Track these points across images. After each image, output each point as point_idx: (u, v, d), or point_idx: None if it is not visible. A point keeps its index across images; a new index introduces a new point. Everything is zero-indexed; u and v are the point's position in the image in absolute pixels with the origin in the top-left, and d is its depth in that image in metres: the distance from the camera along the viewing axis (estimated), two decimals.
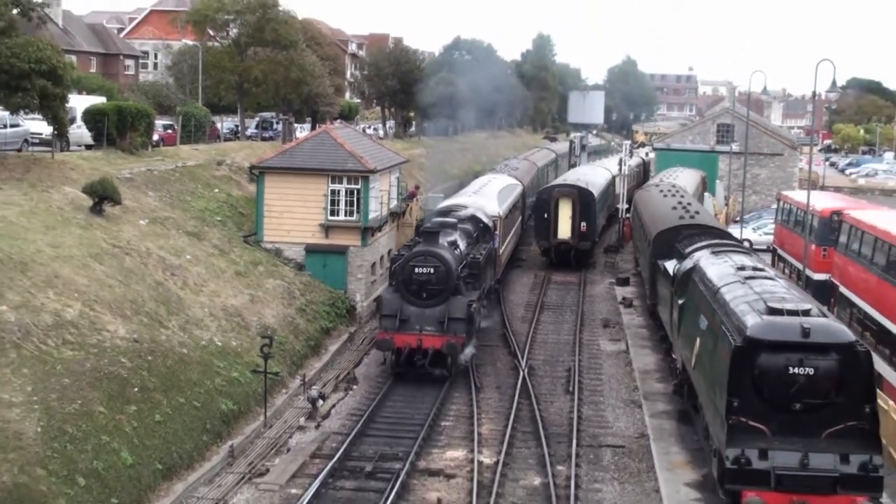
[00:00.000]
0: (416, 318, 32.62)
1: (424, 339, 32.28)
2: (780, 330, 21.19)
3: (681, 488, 24.85)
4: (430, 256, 33.05)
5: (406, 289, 33.00)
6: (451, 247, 35.19)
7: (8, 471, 20.38)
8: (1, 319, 24.83)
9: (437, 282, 32.75)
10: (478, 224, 40.91)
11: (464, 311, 32.68)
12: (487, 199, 47.07)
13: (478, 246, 38.87)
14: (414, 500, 23.97)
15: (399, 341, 32.36)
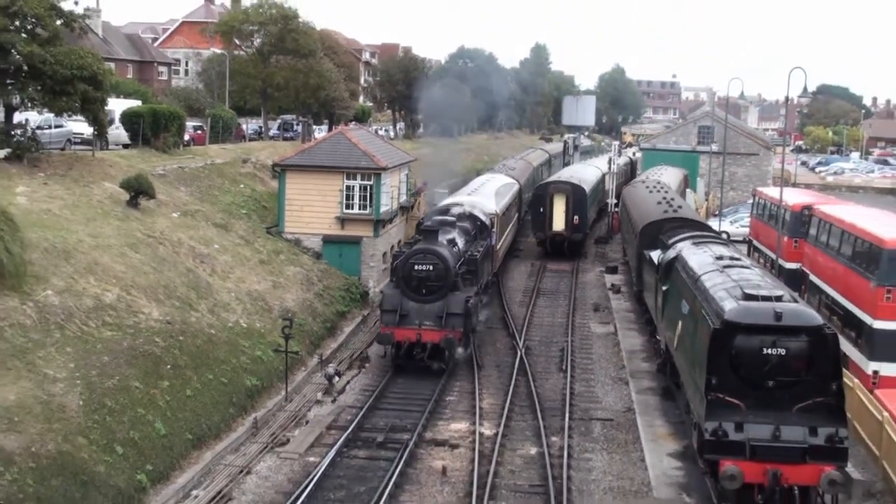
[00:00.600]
0: (415, 313, 31.34)
1: (423, 334, 31.07)
2: (755, 314, 21.19)
3: (664, 458, 24.89)
4: (430, 254, 31.77)
5: (406, 285, 31.67)
6: (450, 244, 33.94)
7: (53, 440, 20.45)
8: (46, 303, 24.89)
9: (435, 278, 31.49)
10: (475, 222, 39.58)
11: (461, 306, 31.49)
12: (485, 197, 45.85)
13: (476, 243, 37.57)
14: (421, 468, 24.01)
15: (399, 335, 31.17)
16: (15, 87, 35.19)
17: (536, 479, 23.54)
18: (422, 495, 22.45)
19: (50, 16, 35.51)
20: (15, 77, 34.87)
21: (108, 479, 20.78)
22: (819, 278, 35.35)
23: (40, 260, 26.46)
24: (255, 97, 67.93)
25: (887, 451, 22.95)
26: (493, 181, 53.44)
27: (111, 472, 21.03)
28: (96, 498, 20.12)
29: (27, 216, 27.87)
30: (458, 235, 35.94)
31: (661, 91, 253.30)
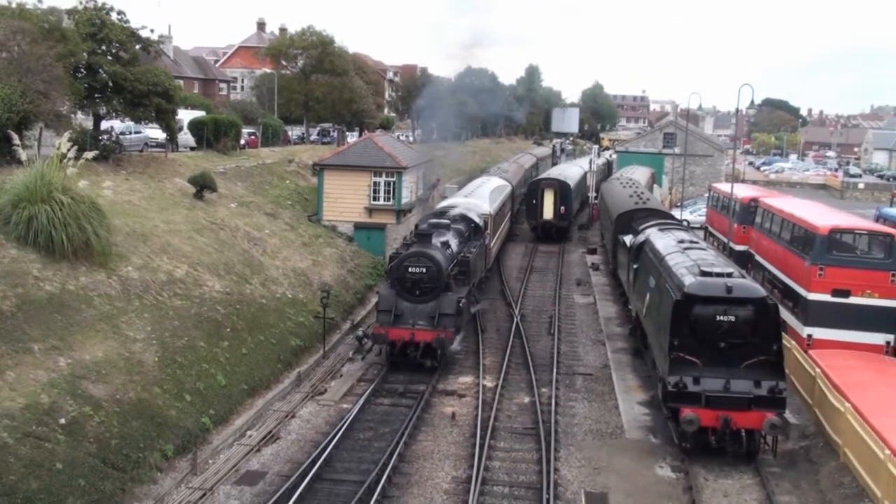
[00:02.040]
0: (409, 313, 27.57)
1: (416, 333, 27.19)
2: (710, 287, 21.16)
3: (634, 406, 24.87)
4: (423, 257, 27.85)
5: (401, 286, 27.79)
6: (444, 247, 30.01)
7: (133, 389, 20.51)
8: (128, 277, 24.93)
9: (428, 280, 27.62)
10: (470, 224, 35.49)
11: (453, 307, 27.68)
12: (480, 199, 42.09)
13: (469, 244, 33.57)
14: (434, 413, 24.04)
15: (393, 335, 27.32)
16: (102, 99, 35.26)
17: (529, 422, 23.54)
18: (435, 435, 22.47)
19: (130, 41, 35.58)
20: (102, 92, 34.95)
21: (179, 422, 20.84)
22: (763, 258, 35.23)
23: (123, 242, 26.50)
24: (298, 109, 67.86)
25: (818, 400, 22.92)
26: (488, 184, 50.10)
27: (181, 415, 21.09)
28: (169, 436, 20.19)
29: (112, 206, 27.89)
30: (452, 237, 32.09)
31: (633, 104, 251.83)
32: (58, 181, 23.76)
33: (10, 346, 19.03)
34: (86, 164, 25.90)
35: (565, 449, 21.76)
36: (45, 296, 21.51)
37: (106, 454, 18.23)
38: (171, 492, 18.76)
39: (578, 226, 62.44)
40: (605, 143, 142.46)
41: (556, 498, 18.74)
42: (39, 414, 17.78)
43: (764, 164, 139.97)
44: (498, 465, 20.73)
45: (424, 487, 19.38)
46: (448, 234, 31.84)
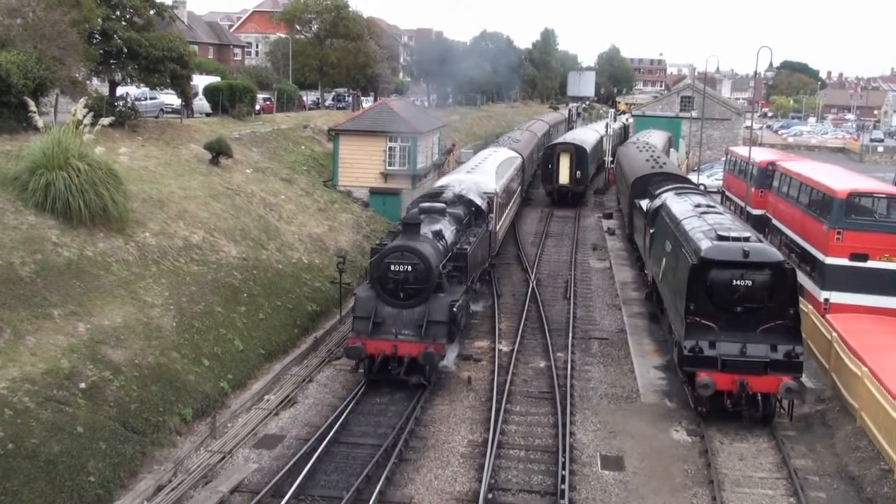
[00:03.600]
0: (391, 320, 22.70)
1: (400, 346, 22.24)
2: (727, 252, 21.09)
3: (650, 370, 24.90)
4: (408, 252, 22.81)
5: (382, 287, 22.85)
6: (436, 237, 25.06)
7: (152, 353, 20.68)
8: (145, 243, 25.04)
9: (415, 280, 22.69)
10: (470, 207, 30.38)
11: (445, 312, 22.69)
12: (484, 175, 36.65)
13: (469, 231, 28.75)
14: (451, 378, 24.13)
15: (371, 347, 22.37)
16: (117, 65, 35.24)
17: (545, 387, 23.61)
18: (451, 399, 22.60)
19: (144, 6, 35.48)
20: (117, 58, 34.92)
21: (197, 386, 21.02)
22: (780, 222, 35.03)
23: (140, 208, 26.59)
24: (313, 74, 67.59)
25: (835, 364, 22.88)
26: (496, 156, 44.71)
27: (199, 380, 21.27)
28: (188, 400, 20.38)
29: (129, 172, 27.95)
30: (448, 225, 27.02)
31: (650, 67, 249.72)
32: (74, 148, 23.82)
33: (29, 311, 19.20)
34: (102, 130, 25.96)
35: (581, 413, 21.84)
36: (64, 262, 21.65)
37: (126, 418, 18.43)
38: (190, 455, 18.97)
39: (594, 190, 62.29)
40: (621, 106, 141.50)
41: (571, 461, 18.85)
42: (60, 378, 17.98)
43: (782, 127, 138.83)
44: (514, 428, 20.84)
45: (441, 451, 19.53)
46: (443, 220, 26.90)
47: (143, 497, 16.98)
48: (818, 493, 17.90)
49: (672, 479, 18.35)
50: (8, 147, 26.37)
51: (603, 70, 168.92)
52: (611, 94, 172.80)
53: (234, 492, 17.50)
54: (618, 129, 77.05)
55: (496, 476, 18.30)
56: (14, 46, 28.85)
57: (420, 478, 18.22)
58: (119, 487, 17.06)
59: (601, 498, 17.50)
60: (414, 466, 18.65)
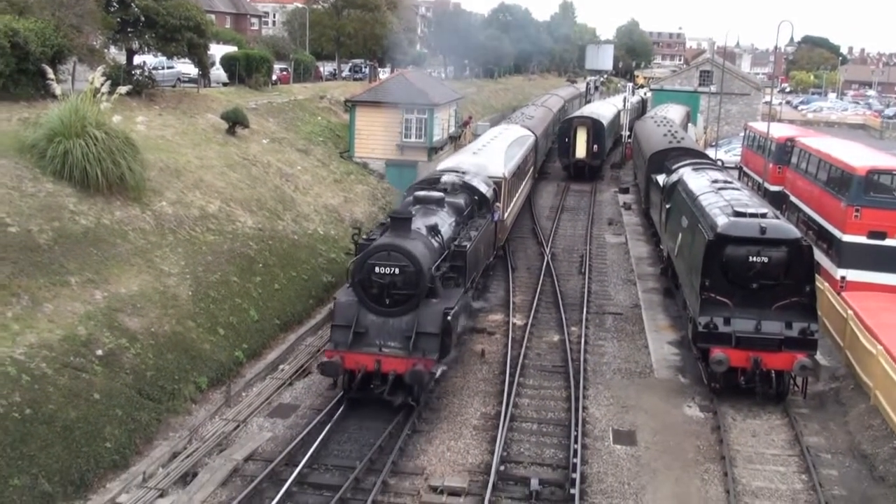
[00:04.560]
0: (375, 330, 19.54)
1: (384, 361, 19.04)
2: (743, 228, 20.99)
3: (664, 345, 24.89)
4: (396, 252, 19.53)
5: (365, 292, 19.62)
6: (430, 233, 21.56)
7: (168, 322, 20.81)
8: (162, 212, 25.12)
9: (403, 285, 19.41)
10: (472, 195, 26.86)
11: (437, 322, 19.44)
12: (491, 157, 33.30)
13: (471, 223, 25.27)
14: (464, 351, 24.17)
15: (350, 362, 19.15)
16: (134, 34, 35.14)
17: (559, 361, 23.65)
18: (465, 372, 22.66)
19: None
20: (134, 26, 34.80)
21: (213, 355, 21.16)
22: (798, 199, 34.83)
23: (156, 177, 26.65)
24: (330, 44, 67.46)
25: (850, 342, 22.80)
26: (506, 134, 41.34)
27: (214, 349, 21.40)
28: (203, 369, 20.52)
29: (146, 141, 27.99)
30: (446, 217, 23.66)
31: (668, 41, 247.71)
32: (92, 116, 23.85)
33: (47, 278, 19.33)
34: (119, 99, 25.97)
35: (594, 387, 21.87)
36: (81, 230, 21.75)
37: (142, 385, 18.59)
38: (205, 423, 19.14)
39: (611, 165, 62.02)
40: (639, 80, 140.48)
41: (584, 435, 18.91)
42: (77, 345, 18.12)
43: (802, 103, 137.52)
44: (527, 402, 20.90)
45: (454, 423, 19.61)
46: (440, 212, 23.57)
47: (159, 463, 17.15)
48: (830, 470, 17.91)
49: (684, 455, 18.39)
50: (26, 114, 26.43)
51: (621, 43, 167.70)
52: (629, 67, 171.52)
53: (248, 460, 17.65)
54: (635, 103, 76.51)
55: (508, 449, 18.39)
56: (32, 14, 28.87)
57: (433, 449, 18.32)
58: (135, 453, 17.24)
59: (613, 472, 17.56)
60: (427, 438, 18.75)
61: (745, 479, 17.39)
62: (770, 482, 17.36)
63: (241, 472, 17.15)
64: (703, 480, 17.33)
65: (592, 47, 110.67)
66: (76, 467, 15.84)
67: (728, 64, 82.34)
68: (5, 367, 16.28)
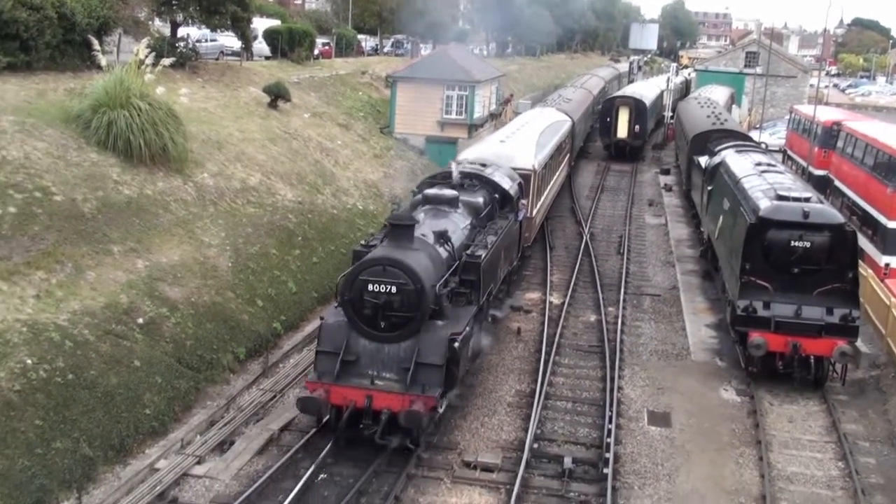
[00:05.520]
0: (368, 358, 16.61)
1: (376, 397, 16.13)
2: (786, 212, 20.74)
3: (702, 328, 24.73)
4: (392, 267, 16.47)
5: (356, 313, 16.65)
6: (439, 241, 18.32)
7: (208, 293, 21.06)
8: (203, 184, 25.36)
9: (401, 306, 16.46)
10: (493, 192, 23.30)
11: (441, 351, 16.50)
12: (520, 147, 29.98)
13: (489, 226, 21.59)
14: (500, 328, 24.18)
15: (336, 396, 16.26)
16: (178, 7, 35.42)
17: (595, 340, 23.60)
18: (500, 349, 22.69)
19: None
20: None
21: (251, 326, 21.38)
22: (843, 184, 34.37)
23: (198, 149, 26.88)
24: (372, 19, 67.43)
25: (892, 330, 22.49)
26: (540, 119, 37.76)
27: (253, 320, 21.62)
28: (241, 339, 20.76)
29: (188, 113, 28.23)
30: (459, 220, 20.41)
31: (714, 21, 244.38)
32: (136, 87, 24.10)
33: (91, 246, 19.63)
34: (163, 70, 26.19)
35: (630, 368, 21.81)
36: (124, 199, 22.03)
37: (181, 354, 18.86)
38: (242, 393, 19.38)
39: (653, 145, 61.53)
40: (683, 61, 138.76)
41: (618, 415, 18.88)
42: (119, 313, 18.41)
43: (850, 86, 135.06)
44: (562, 381, 20.90)
45: (488, 399, 19.67)
46: (453, 214, 20.46)
47: (196, 431, 17.42)
48: (867, 458, 17.73)
49: (719, 438, 18.30)
50: (72, 85, 26.77)
51: (666, 23, 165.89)
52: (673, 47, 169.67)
53: (284, 430, 17.85)
54: (679, 83, 75.56)
55: (542, 426, 18.42)
56: None
57: (467, 425, 18.40)
58: (173, 421, 17.53)
59: (647, 453, 17.53)
60: (461, 414, 18.83)
61: (780, 464, 17.28)
62: (806, 468, 17.23)
63: (277, 442, 17.38)
64: (737, 464, 17.25)
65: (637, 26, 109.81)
66: (116, 432, 16.14)
67: (775, 45, 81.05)
68: (49, 333, 16.61)
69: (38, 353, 16.04)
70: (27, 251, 18.24)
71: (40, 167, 20.81)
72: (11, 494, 13.67)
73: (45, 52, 26.95)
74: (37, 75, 26.62)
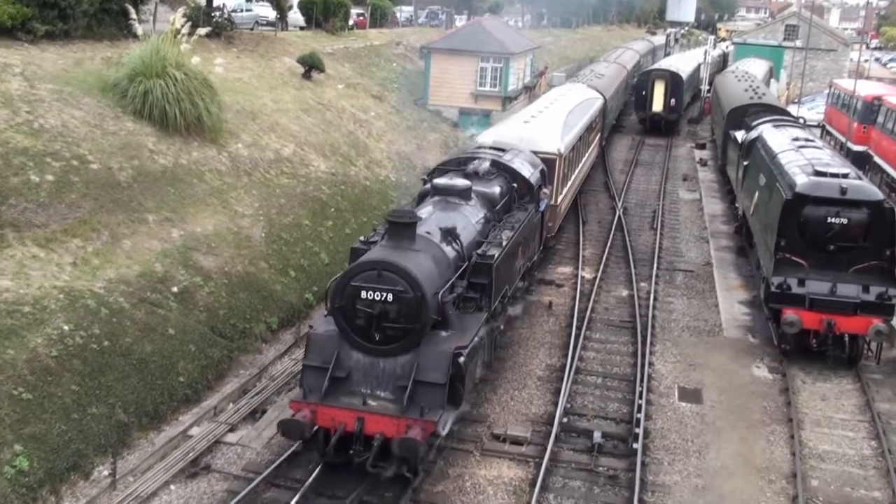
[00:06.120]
0: (361, 374, 14.57)
1: (368, 420, 14.00)
2: (823, 188, 20.44)
3: (734, 304, 24.54)
4: (389, 272, 14.38)
5: (348, 323, 14.56)
6: (446, 239, 16.41)
7: (241, 262, 21.20)
8: (237, 154, 25.47)
9: (398, 316, 14.36)
10: (512, 180, 21.05)
11: (443, 367, 14.39)
12: (545, 128, 27.56)
13: (506, 218, 19.66)
14: (531, 302, 24.15)
15: (323, 418, 14.17)
16: None
17: (626, 315, 23.50)
18: (531, 323, 22.67)
19: None
20: None
21: (283, 296, 21.52)
22: (883, 160, 33.82)
23: (233, 119, 26.97)
24: None
25: None
26: (568, 97, 34.83)
27: (285, 290, 21.75)
28: (273, 309, 20.90)
29: (223, 83, 28.30)
30: (471, 213, 18.33)
31: None
32: (172, 56, 24.19)
33: (126, 215, 19.81)
34: (199, 40, 26.24)
35: (661, 344, 21.71)
36: (160, 168, 22.19)
37: (214, 323, 19.03)
38: (274, 362, 19.55)
39: (688, 119, 60.87)
40: (721, 33, 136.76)
41: (649, 391, 18.82)
42: (153, 281, 18.60)
43: (892, 60, 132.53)
44: (592, 355, 20.86)
45: (518, 373, 19.69)
46: (463, 208, 18.35)
47: (229, 399, 17.62)
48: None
49: (750, 415, 18.20)
50: (108, 53, 26.92)
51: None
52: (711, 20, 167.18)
53: None
54: (717, 56, 74.58)
55: (572, 401, 18.41)
56: None
57: (496, 398, 18.43)
58: (206, 389, 17.73)
59: (677, 429, 17.48)
60: (491, 387, 18.86)
61: (811, 443, 17.16)
62: (838, 446, 17.10)
63: None
64: (768, 441, 17.15)
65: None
66: (151, 399, 16.36)
67: (815, 18, 79.64)
68: (85, 300, 16.82)
69: (74, 320, 16.26)
70: (64, 219, 18.45)
71: (77, 135, 21.00)
72: (48, 458, 13.93)
73: (82, 21, 27.13)
74: (74, 44, 26.81)
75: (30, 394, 14.51)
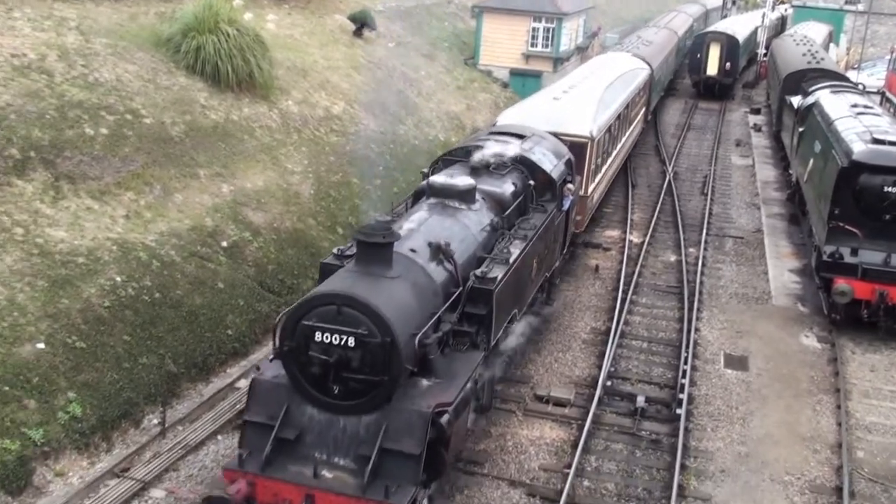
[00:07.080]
0: (315, 434, 11.20)
1: (320, 499, 10.59)
2: (881, 156, 20.00)
3: (785, 272, 24.22)
4: (350, 308, 10.78)
5: (300, 370, 11.12)
6: (435, 257, 12.78)
7: (289, 219, 21.38)
8: (288, 111, 25.58)
9: (362, 366, 10.83)
10: (531, 175, 17.33)
11: (419, 433, 10.84)
12: (576, 107, 23.86)
13: (517, 227, 15.91)
14: (578, 265, 24.06)
15: (264, 494, 10.79)
16: None
17: (673, 281, 23.32)
18: (577, 286, 22.60)
19: None
20: None
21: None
22: None
23: (284, 76, 27.06)
24: None
25: None
26: (609, 68, 31.35)
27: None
28: None
29: (275, 39, 28.36)
30: (473, 220, 14.73)
31: None
32: (224, 13, 24.30)
33: (178, 170, 20.05)
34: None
35: (708, 310, 21.53)
36: (211, 124, 22.38)
37: (263, 278, 19.25)
38: None
39: (744, 84, 59.76)
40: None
41: (694, 357, 18.72)
42: (204, 236, 18.85)
43: None
44: (638, 319, 20.77)
45: (563, 335, 19.68)
46: (463, 214, 14.76)
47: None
48: None
49: (797, 384, 18.03)
50: (162, 9, 27.09)
51: None
52: None
53: None
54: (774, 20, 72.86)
55: (616, 364, 18.38)
56: None
57: (540, 360, 18.47)
58: (254, 343, 17.98)
59: (721, 395, 17.38)
60: (535, 348, 18.89)
61: (858, 414, 16.97)
62: (885, 418, 16.88)
63: None
64: (814, 411, 16.99)
65: None
66: (200, 351, 16.64)
67: None
68: (138, 253, 17.11)
69: (126, 272, 16.56)
70: (118, 172, 18.73)
71: (131, 90, 21.22)
72: (101, 405, 14.27)
73: None
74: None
75: (83, 342, 14.85)
